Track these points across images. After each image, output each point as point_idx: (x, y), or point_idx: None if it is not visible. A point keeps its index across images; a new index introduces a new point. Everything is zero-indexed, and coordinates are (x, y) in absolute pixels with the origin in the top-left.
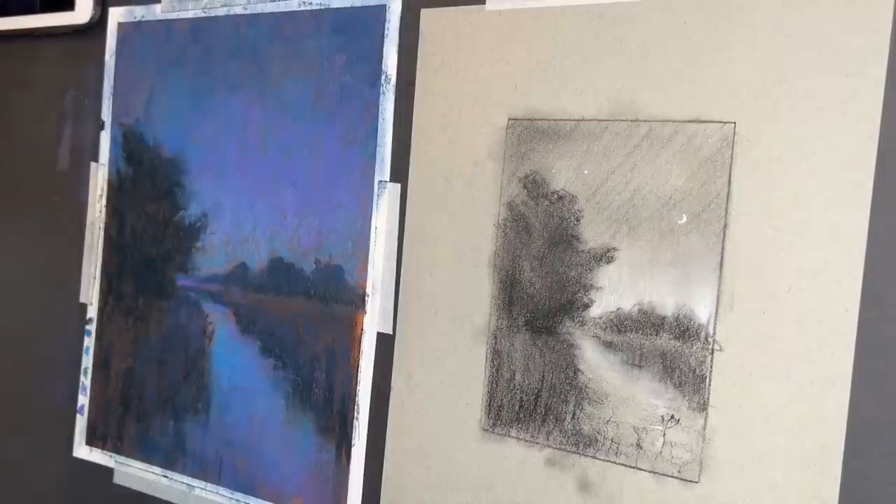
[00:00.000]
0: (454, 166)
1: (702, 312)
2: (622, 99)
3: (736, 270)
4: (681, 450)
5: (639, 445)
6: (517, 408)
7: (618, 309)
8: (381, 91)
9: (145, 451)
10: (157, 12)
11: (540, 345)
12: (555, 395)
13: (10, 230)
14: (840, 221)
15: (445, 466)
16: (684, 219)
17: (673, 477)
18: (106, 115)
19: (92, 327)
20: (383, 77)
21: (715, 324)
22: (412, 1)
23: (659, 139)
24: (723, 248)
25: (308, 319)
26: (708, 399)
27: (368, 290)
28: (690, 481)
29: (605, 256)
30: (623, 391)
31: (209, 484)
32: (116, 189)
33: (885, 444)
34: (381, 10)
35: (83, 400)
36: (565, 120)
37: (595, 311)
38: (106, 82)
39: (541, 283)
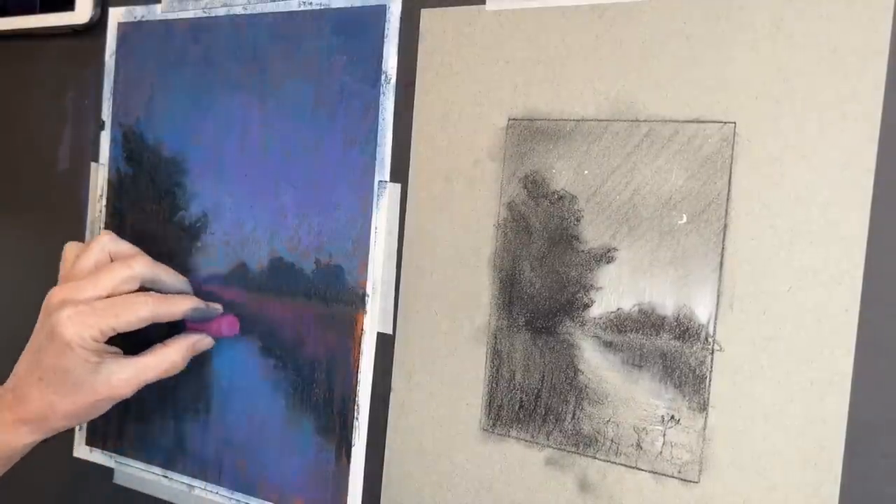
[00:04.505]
0: (454, 166)
1: (702, 312)
2: (622, 99)
3: (736, 270)
4: (681, 450)
5: (639, 445)
6: (517, 408)
7: (618, 309)
8: (381, 91)
9: (145, 451)
10: (157, 12)
11: (540, 345)
12: (555, 395)
13: (10, 230)
14: (840, 221)
15: (445, 466)
16: (684, 219)
17: (673, 477)
18: (106, 115)
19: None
20: (383, 77)
21: (715, 324)
22: (412, 1)
23: (659, 139)
24: (723, 248)
25: (308, 319)
26: (708, 399)
27: (368, 290)
28: (690, 481)
29: (605, 256)
30: (623, 391)
31: (209, 484)
32: (116, 189)
33: (885, 444)
34: (381, 11)
35: None
36: (565, 120)
37: (595, 311)
38: (106, 82)
39: (541, 283)
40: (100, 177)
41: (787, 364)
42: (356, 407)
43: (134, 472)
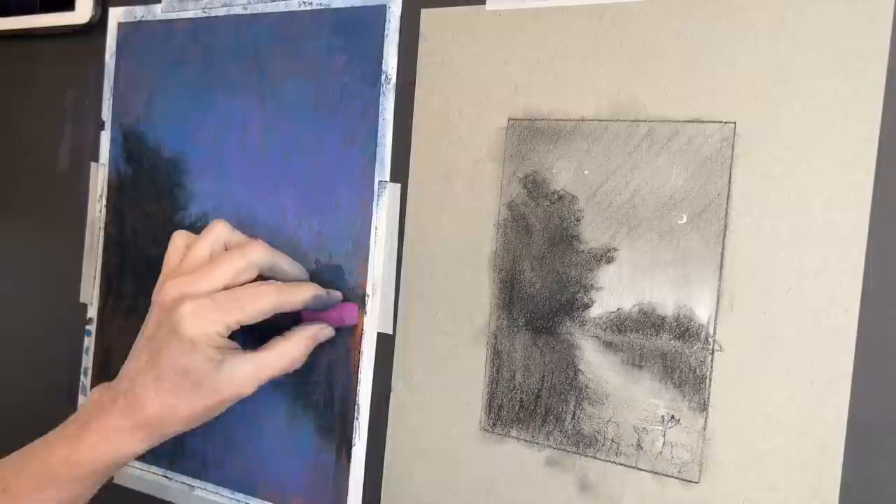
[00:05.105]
0: (454, 166)
1: (702, 312)
2: (622, 99)
3: (736, 270)
4: (681, 450)
5: (639, 446)
6: (517, 408)
7: (618, 309)
8: (381, 91)
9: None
10: (157, 12)
11: (540, 345)
12: (555, 395)
13: (10, 230)
14: (840, 221)
15: (445, 466)
16: (684, 219)
17: (673, 477)
18: (106, 115)
19: (92, 327)
20: (383, 77)
21: (715, 324)
22: (412, 1)
23: (659, 139)
24: (723, 248)
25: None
26: (708, 399)
27: (368, 290)
28: (690, 481)
29: (605, 256)
30: (623, 391)
31: (209, 484)
32: (116, 189)
33: (885, 444)
34: (381, 11)
35: (83, 400)
36: (565, 120)
37: (595, 311)
38: (106, 82)
39: (541, 284)
40: (100, 177)
41: (787, 364)
42: (356, 407)
43: (134, 472)
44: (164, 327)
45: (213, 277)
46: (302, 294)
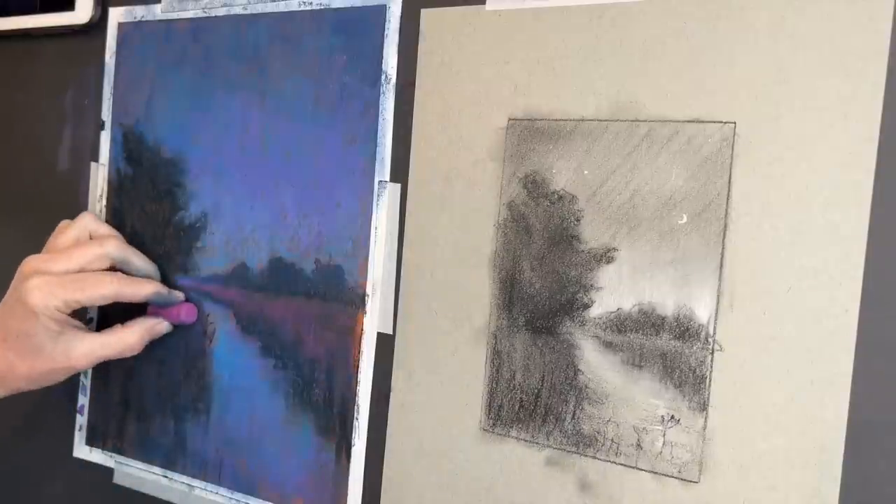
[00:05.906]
0: (454, 166)
1: (702, 312)
2: (622, 99)
3: (736, 270)
4: (681, 450)
5: (639, 445)
6: (517, 408)
7: (618, 309)
8: (381, 91)
9: (145, 451)
10: (157, 12)
11: (540, 345)
12: (555, 395)
13: (10, 230)
14: (840, 221)
15: (445, 466)
16: (684, 219)
17: (673, 477)
18: (106, 115)
19: (92, 327)
20: (383, 77)
21: (715, 324)
22: (412, 1)
23: (659, 139)
24: (723, 248)
25: (308, 319)
26: (708, 399)
27: (368, 290)
28: (690, 481)
29: (605, 256)
30: (623, 391)
31: (209, 484)
32: (116, 189)
33: (885, 444)
34: (381, 11)
35: (83, 400)
36: (565, 120)
37: (595, 311)
38: (106, 82)
39: (541, 283)
40: (100, 177)
41: (787, 364)
42: (356, 407)
43: (134, 472)
44: (15, 295)
45: (67, 260)
46: (144, 288)
